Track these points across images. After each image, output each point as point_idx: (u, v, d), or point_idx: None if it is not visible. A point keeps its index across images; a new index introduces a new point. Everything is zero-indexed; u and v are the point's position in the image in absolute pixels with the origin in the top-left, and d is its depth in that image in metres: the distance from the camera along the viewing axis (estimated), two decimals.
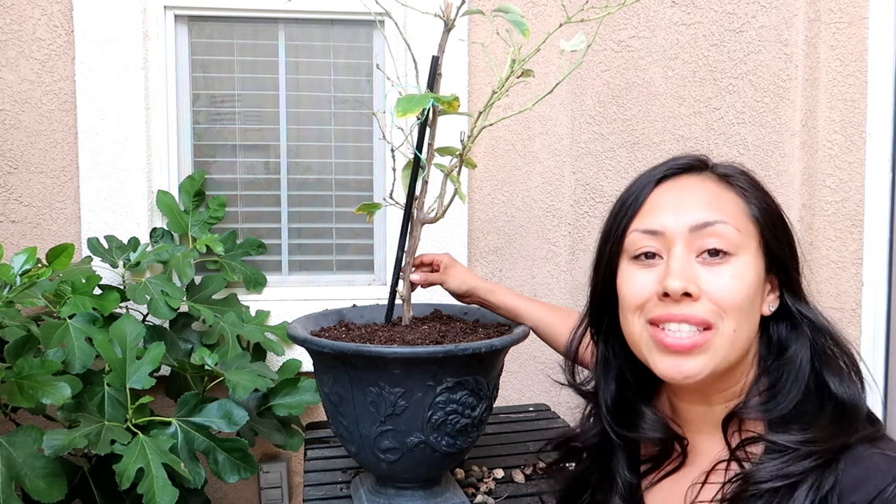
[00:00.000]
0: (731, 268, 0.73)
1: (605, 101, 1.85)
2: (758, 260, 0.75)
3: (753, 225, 0.75)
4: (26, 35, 1.67)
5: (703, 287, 0.72)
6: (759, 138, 1.85)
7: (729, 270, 0.73)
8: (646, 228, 0.77)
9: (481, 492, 1.16)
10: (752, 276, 0.73)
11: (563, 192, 1.87)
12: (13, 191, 1.70)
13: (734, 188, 0.77)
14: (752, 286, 0.73)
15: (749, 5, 1.82)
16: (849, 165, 1.85)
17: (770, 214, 0.77)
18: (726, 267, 0.73)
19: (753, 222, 0.75)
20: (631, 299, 0.77)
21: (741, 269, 0.73)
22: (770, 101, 1.84)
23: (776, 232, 0.76)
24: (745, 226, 0.75)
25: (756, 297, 0.74)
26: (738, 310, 0.72)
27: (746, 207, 0.76)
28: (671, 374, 0.74)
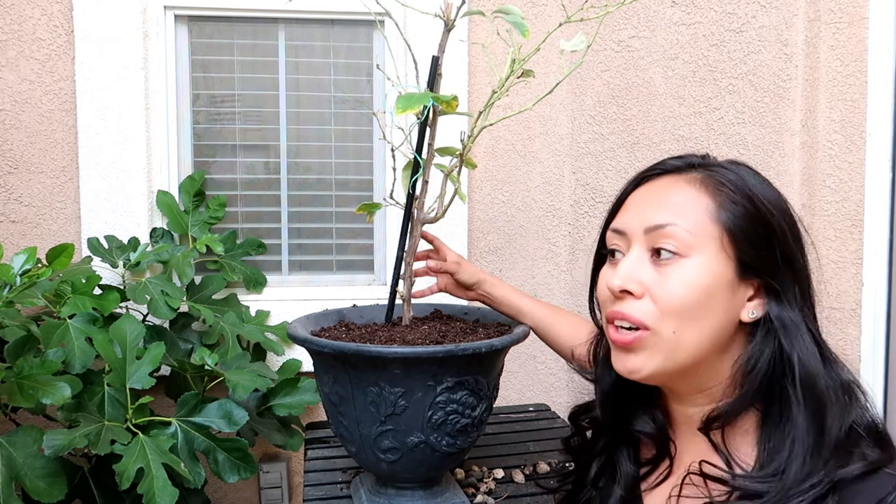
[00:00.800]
0: (678, 270, 0.72)
1: (605, 101, 1.85)
2: (718, 264, 0.72)
3: (716, 227, 0.73)
4: (26, 35, 1.67)
5: (648, 287, 0.74)
6: (759, 138, 1.85)
7: (675, 272, 0.72)
8: (614, 227, 0.81)
9: (481, 492, 1.16)
10: (703, 280, 0.71)
11: (563, 192, 1.87)
12: (13, 191, 1.70)
13: (708, 189, 0.75)
14: (703, 289, 0.71)
15: (749, 5, 1.82)
16: (849, 165, 1.85)
17: (746, 218, 0.73)
18: (673, 268, 0.73)
19: (717, 224, 0.73)
20: (598, 296, 0.82)
21: (689, 272, 0.72)
22: (770, 101, 1.84)
23: (751, 236, 0.73)
24: (704, 228, 0.73)
25: (712, 300, 0.72)
26: (679, 313, 0.72)
27: (714, 209, 0.73)
28: (619, 368, 0.78)
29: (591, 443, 0.89)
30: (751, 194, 0.74)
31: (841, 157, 1.86)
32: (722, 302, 0.72)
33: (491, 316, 1.22)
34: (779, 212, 0.75)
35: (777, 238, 0.73)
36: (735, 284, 0.73)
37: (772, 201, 0.75)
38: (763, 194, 0.75)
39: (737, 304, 0.73)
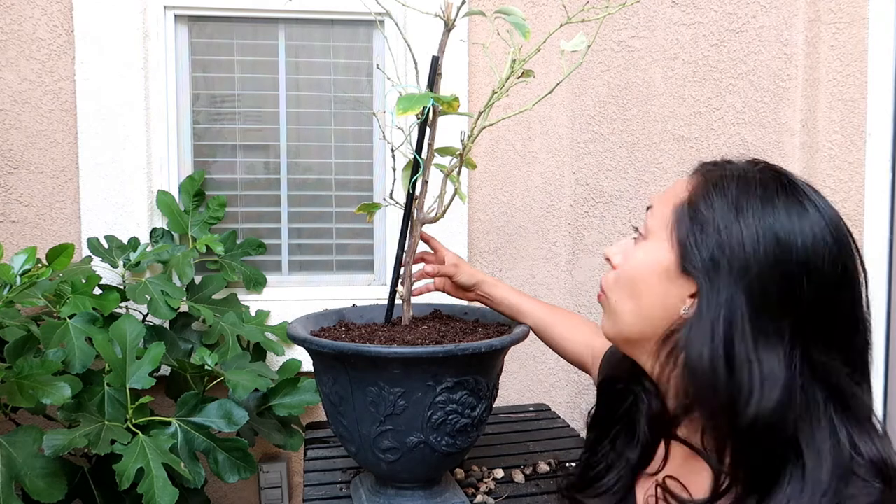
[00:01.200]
0: (637, 248, 0.79)
1: (605, 101, 1.85)
2: (663, 252, 0.74)
3: (671, 217, 0.75)
4: (26, 35, 1.67)
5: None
6: (759, 138, 1.85)
7: (633, 250, 0.79)
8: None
9: (481, 492, 1.16)
10: (643, 260, 0.76)
11: (563, 192, 1.87)
12: (13, 191, 1.70)
13: (694, 187, 0.75)
14: (640, 269, 0.76)
15: (749, 5, 1.82)
16: (849, 165, 1.85)
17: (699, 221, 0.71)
18: (636, 246, 0.79)
19: (673, 215, 0.74)
20: None
21: (640, 252, 0.77)
22: (770, 101, 1.84)
23: (696, 234, 0.71)
24: (665, 216, 0.76)
25: (647, 283, 0.76)
26: (620, 285, 0.79)
27: (680, 201, 0.75)
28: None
29: (615, 404, 0.89)
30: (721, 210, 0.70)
31: (841, 157, 1.86)
32: (656, 287, 0.75)
33: (491, 316, 1.22)
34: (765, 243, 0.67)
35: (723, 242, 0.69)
36: (675, 275, 0.73)
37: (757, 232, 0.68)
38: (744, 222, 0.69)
39: (676, 296, 0.74)
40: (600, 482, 0.85)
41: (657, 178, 1.85)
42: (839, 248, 0.69)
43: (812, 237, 0.68)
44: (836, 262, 0.68)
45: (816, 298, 0.67)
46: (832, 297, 0.68)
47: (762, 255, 0.67)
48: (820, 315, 0.68)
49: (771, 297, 0.67)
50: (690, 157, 1.85)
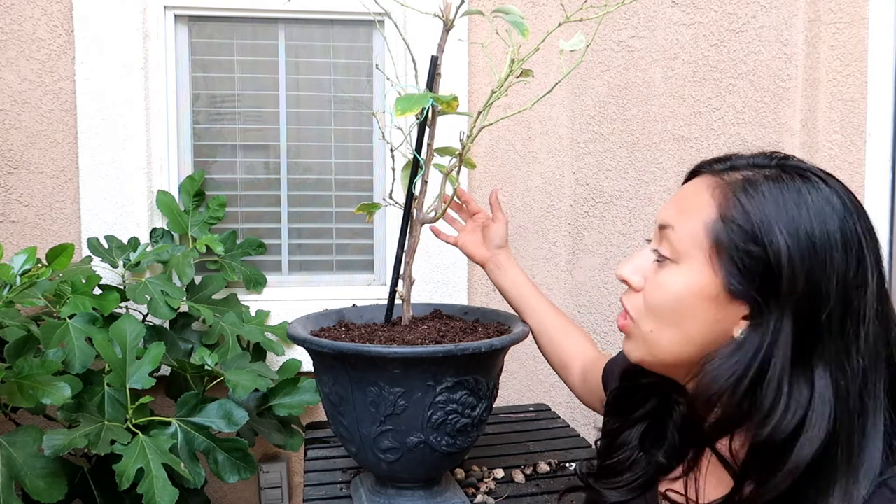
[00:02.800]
0: (665, 274, 0.72)
1: (605, 101, 1.84)
2: (700, 277, 0.69)
3: (707, 240, 0.68)
4: (26, 35, 1.67)
5: (646, 282, 0.75)
6: (759, 138, 1.85)
7: (663, 275, 0.72)
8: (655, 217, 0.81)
9: (481, 492, 1.16)
10: (682, 290, 0.70)
11: (563, 192, 1.87)
12: (13, 191, 1.70)
13: (721, 201, 0.69)
14: (681, 298, 0.70)
15: (749, 5, 1.82)
16: (849, 165, 1.85)
17: (742, 240, 0.67)
18: (663, 271, 0.73)
19: (709, 238, 0.68)
20: None
21: (673, 279, 0.71)
22: (770, 101, 1.84)
23: (741, 261, 0.67)
24: (695, 238, 0.69)
25: (690, 311, 0.70)
26: (656, 314, 0.73)
27: (713, 221, 0.68)
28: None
29: (639, 402, 0.85)
30: (761, 218, 0.66)
31: (841, 157, 1.86)
32: (703, 314, 0.69)
33: (491, 316, 1.22)
34: (802, 245, 0.64)
35: (782, 271, 0.65)
36: (724, 300, 0.68)
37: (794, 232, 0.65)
38: (788, 222, 0.65)
39: (727, 319, 0.69)
40: (620, 477, 0.82)
41: (657, 178, 1.85)
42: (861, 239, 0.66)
43: (840, 235, 0.65)
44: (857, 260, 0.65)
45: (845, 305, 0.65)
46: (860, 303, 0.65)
47: (804, 265, 0.64)
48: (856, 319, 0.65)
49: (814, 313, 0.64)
50: (690, 157, 1.85)
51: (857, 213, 0.66)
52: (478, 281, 1.85)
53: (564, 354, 1.16)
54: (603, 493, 0.82)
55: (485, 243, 1.23)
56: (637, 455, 0.82)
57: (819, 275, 0.64)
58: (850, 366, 0.64)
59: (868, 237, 0.66)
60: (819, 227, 0.65)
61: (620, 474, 0.82)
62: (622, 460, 0.83)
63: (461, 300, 1.82)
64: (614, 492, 0.81)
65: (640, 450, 0.82)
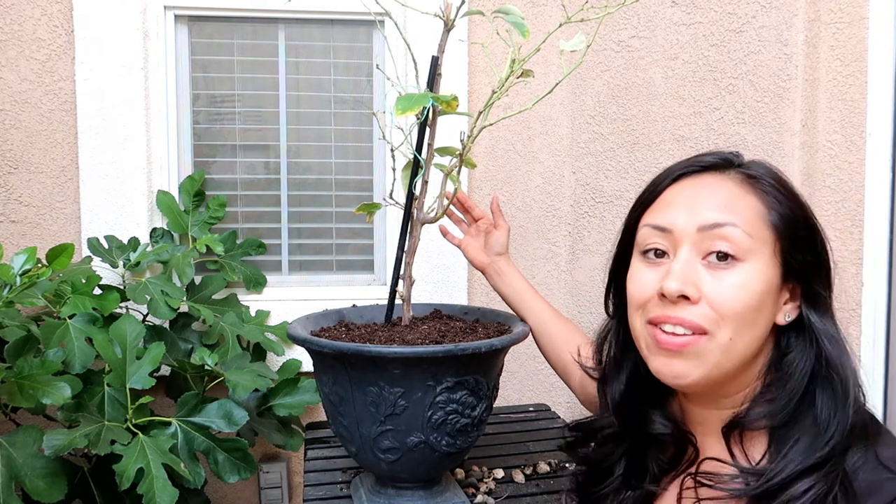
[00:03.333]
0: (737, 274, 0.70)
1: (605, 101, 1.85)
2: (771, 268, 0.72)
3: (770, 231, 0.72)
4: (26, 35, 1.67)
5: (703, 291, 0.70)
6: (759, 138, 1.85)
7: (733, 277, 0.70)
8: (656, 224, 0.76)
9: (481, 492, 1.16)
10: (759, 286, 0.70)
11: (563, 192, 1.87)
12: (13, 191, 1.70)
13: (756, 191, 0.74)
14: (758, 295, 0.70)
15: (749, 5, 1.82)
16: (849, 165, 1.85)
17: (793, 221, 0.73)
18: (731, 273, 0.70)
19: (770, 228, 0.72)
20: (634, 297, 0.77)
21: (747, 277, 0.70)
22: (770, 101, 1.84)
23: (798, 240, 0.73)
24: (760, 231, 0.72)
25: (763, 306, 0.71)
26: (737, 319, 0.70)
27: (766, 212, 0.72)
28: (663, 372, 0.74)
29: (609, 448, 0.86)
30: (794, 195, 0.75)
31: (841, 157, 1.86)
32: (770, 307, 0.72)
33: (491, 316, 1.22)
34: (810, 212, 0.76)
35: (817, 240, 0.75)
36: (777, 288, 0.73)
37: (803, 202, 0.76)
38: (801, 196, 0.76)
39: (777, 307, 0.74)
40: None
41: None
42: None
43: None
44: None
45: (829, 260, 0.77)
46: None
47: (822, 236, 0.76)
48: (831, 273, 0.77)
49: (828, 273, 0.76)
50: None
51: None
52: (478, 281, 1.85)
53: (565, 359, 1.16)
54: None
55: (485, 250, 1.23)
56: (624, 494, 0.82)
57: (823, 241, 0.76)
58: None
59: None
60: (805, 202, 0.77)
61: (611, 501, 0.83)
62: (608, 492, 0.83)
63: (461, 300, 1.82)
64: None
65: (627, 488, 0.82)
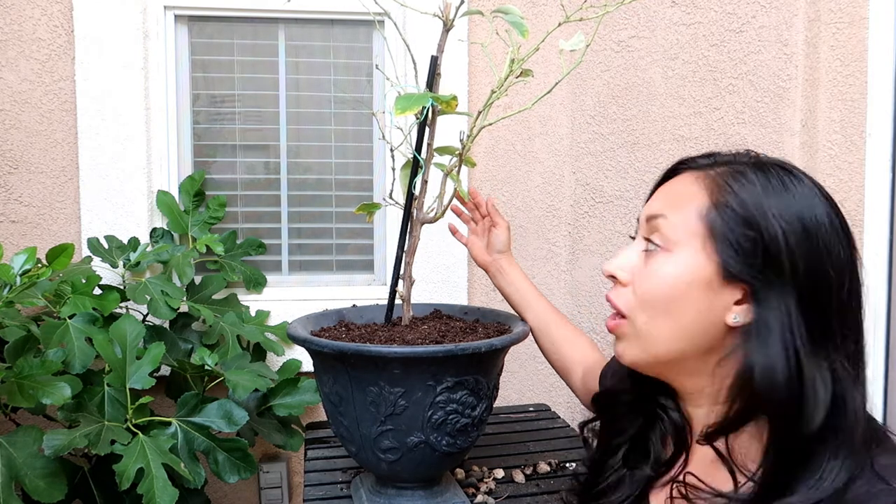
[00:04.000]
0: (658, 262, 0.73)
1: (605, 101, 1.84)
2: (699, 262, 0.70)
3: (702, 225, 0.70)
4: (26, 35, 1.67)
5: (634, 276, 0.75)
6: (759, 138, 1.85)
7: (655, 265, 0.73)
8: (638, 215, 0.81)
9: (481, 492, 1.16)
10: (677, 276, 0.71)
11: (563, 192, 1.87)
12: (13, 191, 1.70)
13: (709, 185, 0.72)
14: (675, 285, 0.71)
15: (749, 5, 1.82)
16: (849, 165, 1.85)
17: (737, 223, 0.69)
18: (654, 260, 0.73)
19: (704, 223, 0.70)
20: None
21: (667, 266, 0.72)
22: (770, 101, 1.84)
23: (738, 244, 0.68)
24: (691, 224, 0.71)
25: (685, 298, 0.70)
26: (650, 305, 0.73)
27: (706, 208, 0.71)
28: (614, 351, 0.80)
29: (620, 423, 0.86)
30: (754, 201, 0.69)
31: (841, 157, 1.86)
32: (697, 301, 0.70)
33: (491, 316, 1.22)
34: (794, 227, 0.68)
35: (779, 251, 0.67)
36: (716, 285, 0.70)
37: (786, 215, 0.68)
38: (779, 206, 0.69)
39: (720, 305, 0.70)
40: (610, 497, 0.82)
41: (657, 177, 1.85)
42: (842, 226, 0.70)
43: (828, 220, 0.69)
44: (846, 243, 0.69)
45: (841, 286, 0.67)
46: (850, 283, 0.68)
47: (801, 247, 0.67)
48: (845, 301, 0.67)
49: (815, 293, 0.66)
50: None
51: (836, 206, 0.72)
52: (478, 281, 1.85)
53: (566, 359, 1.16)
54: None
55: (487, 249, 1.25)
56: (623, 473, 0.82)
57: (815, 256, 0.67)
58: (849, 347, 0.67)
59: (847, 229, 0.71)
60: (808, 212, 0.69)
61: (609, 495, 0.82)
62: (610, 483, 0.83)
63: (461, 300, 1.82)
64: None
65: (626, 467, 0.82)
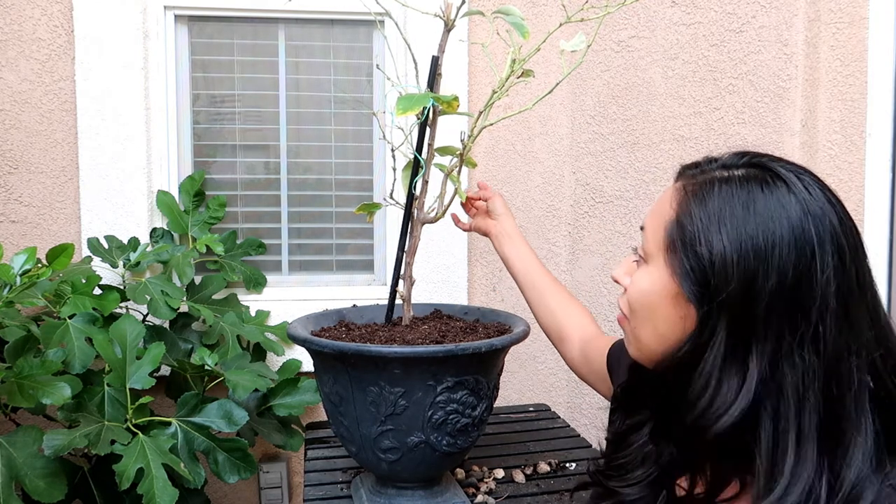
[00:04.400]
0: (638, 273, 0.76)
1: (605, 101, 1.85)
2: (659, 275, 0.72)
3: (665, 239, 0.72)
4: (26, 35, 1.67)
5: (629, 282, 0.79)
6: (759, 138, 1.85)
7: (636, 275, 0.77)
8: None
9: (481, 492, 1.16)
10: (646, 287, 0.73)
11: (563, 192, 1.87)
12: (13, 191, 1.70)
13: (681, 200, 0.72)
14: (645, 297, 0.74)
15: (749, 5, 1.82)
16: (849, 165, 1.85)
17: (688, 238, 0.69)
18: (638, 271, 0.77)
19: (666, 239, 0.71)
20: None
21: (643, 279, 0.75)
22: (770, 101, 1.84)
23: (684, 259, 0.69)
24: (658, 238, 0.73)
25: (657, 308, 0.72)
26: (635, 312, 0.76)
27: (671, 221, 0.71)
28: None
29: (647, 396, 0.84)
30: (704, 222, 0.68)
31: (841, 157, 1.86)
32: (667, 312, 0.72)
33: (491, 316, 1.22)
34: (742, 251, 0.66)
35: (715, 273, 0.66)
36: (682, 300, 0.70)
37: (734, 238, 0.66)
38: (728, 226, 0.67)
39: (689, 318, 0.70)
40: (633, 473, 0.81)
41: (657, 178, 1.85)
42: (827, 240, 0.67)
43: (794, 237, 0.65)
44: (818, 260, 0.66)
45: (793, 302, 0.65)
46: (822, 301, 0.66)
47: (742, 273, 0.65)
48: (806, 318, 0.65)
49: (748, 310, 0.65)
50: (690, 157, 1.83)
51: (819, 216, 0.67)
52: (478, 281, 1.85)
53: (563, 326, 1.17)
54: (620, 492, 0.80)
55: (487, 216, 1.29)
56: (648, 449, 0.81)
57: (755, 276, 0.65)
58: (801, 364, 0.65)
59: (831, 239, 0.67)
60: (763, 230, 0.66)
61: (633, 470, 0.81)
62: (634, 457, 0.82)
63: (461, 300, 1.82)
64: (630, 489, 0.80)
65: (651, 443, 0.81)
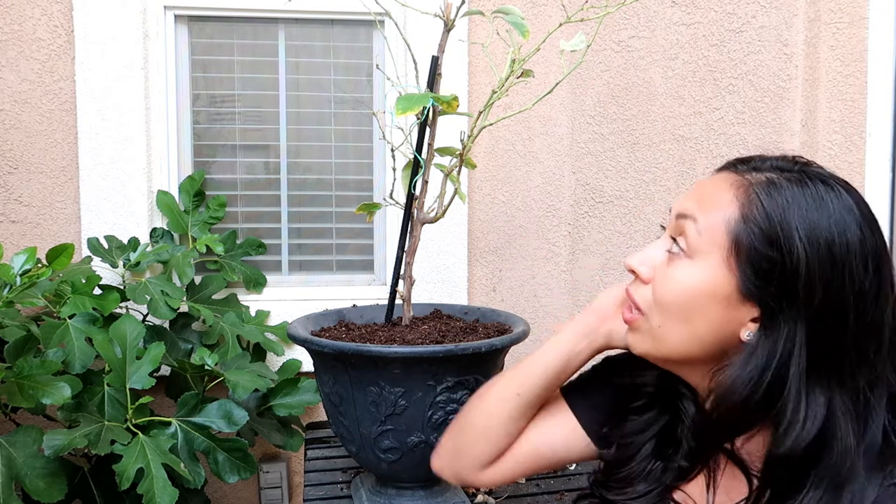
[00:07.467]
0: (679, 267, 0.70)
1: (605, 101, 1.85)
2: (718, 275, 0.67)
3: (727, 238, 0.67)
4: (26, 35, 1.67)
5: (656, 274, 0.73)
6: (759, 138, 1.85)
7: (675, 269, 0.71)
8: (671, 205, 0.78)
9: (481, 492, 1.16)
10: (696, 287, 0.68)
11: (563, 192, 1.87)
12: (13, 191, 1.70)
13: (743, 195, 0.68)
14: (693, 295, 0.69)
15: (749, 5, 1.82)
16: (849, 165, 1.85)
17: (762, 242, 0.65)
18: (676, 264, 0.71)
19: (729, 235, 0.67)
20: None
21: (687, 274, 0.69)
22: (770, 101, 1.84)
23: (759, 264, 0.66)
24: (715, 234, 0.68)
25: (701, 309, 0.69)
26: (666, 309, 0.71)
27: (735, 217, 0.67)
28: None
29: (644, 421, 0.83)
30: (782, 221, 0.65)
31: (841, 157, 1.86)
32: (714, 313, 0.68)
33: (491, 316, 1.22)
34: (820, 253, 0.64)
35: (797, 278, 0.64)
36: (735, 301, 0.67)
37: (813, 239, 0.64)
38: (808, 228, 0.64)
39: (736, 320, 0.68)
40: (634, 487, 0.79)
41: (657, 178, 1.85)
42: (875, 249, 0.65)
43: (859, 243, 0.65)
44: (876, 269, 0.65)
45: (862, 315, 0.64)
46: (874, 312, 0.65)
47: (823, 276, 0.63)
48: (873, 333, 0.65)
49: (829, 325, 0.64)
50: (690, 157, 1.85)
51: (875, 226, 0.66)
52: (478, 281, 1.85)
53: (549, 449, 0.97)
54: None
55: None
56: (652, 465, 0.79)
57: (837, 285, 0.63)
58: (861, 380, 0.65)
59: (885, 251, 0.66)
60: (839, 236, 0.64)
61: (634, 485, 0.79)
62: (636, 471, 0.80)
63: (461, 300, 1.82)
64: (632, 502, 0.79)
65: (655, 458, 0.79)
